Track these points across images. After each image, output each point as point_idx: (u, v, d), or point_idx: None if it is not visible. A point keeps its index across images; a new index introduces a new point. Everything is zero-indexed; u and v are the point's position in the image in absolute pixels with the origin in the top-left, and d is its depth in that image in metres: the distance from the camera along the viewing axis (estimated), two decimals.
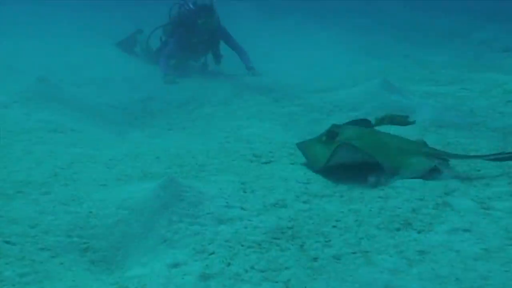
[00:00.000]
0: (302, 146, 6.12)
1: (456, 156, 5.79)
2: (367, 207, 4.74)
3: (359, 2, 23.64)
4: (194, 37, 11.15)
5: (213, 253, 3.92)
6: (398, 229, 4.34)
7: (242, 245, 4.04)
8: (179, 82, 10.46)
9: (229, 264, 3.77)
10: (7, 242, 4.00)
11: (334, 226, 4.39)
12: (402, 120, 7.40)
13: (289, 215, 4.58)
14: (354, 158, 5.47)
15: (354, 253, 3.98)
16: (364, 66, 12.16)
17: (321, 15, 20.01)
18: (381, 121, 7.40)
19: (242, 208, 4.63)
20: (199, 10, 11.01)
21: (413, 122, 7.34)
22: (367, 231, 4.30)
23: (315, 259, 3.90)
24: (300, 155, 6.08)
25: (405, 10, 22.83)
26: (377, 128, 6.71)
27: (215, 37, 11.39)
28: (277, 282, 3.60)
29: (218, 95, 9.44)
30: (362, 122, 6.50)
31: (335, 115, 8.17)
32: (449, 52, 14.61)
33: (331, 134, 5.90)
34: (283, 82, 10.13)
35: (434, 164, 5.48)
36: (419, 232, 4.29)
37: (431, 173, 5.39)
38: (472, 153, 6.03)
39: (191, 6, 11.27)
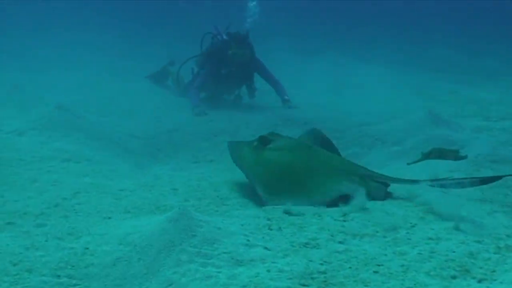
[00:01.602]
0: (232, 147, 5.75)
1: (396, 181, 5.32)
2: (415, 250, 3.99)
3: (402, 41, 23.01)
4: (224, 69, 10.55)
5: None
6: (454, 277, 3.59)
7: None
8: (209, 114, 9.84)
9: None
10: None
11: (375, 272, 3.64)
12: (452, 154, 6.61)
13: (322, 257, 3.84)
14: None
15: None
16: (406, 102, 11.38)
17: (362, 52, 19.34)
18: (428, 155, 6.62)
19: (265, 248, 3.90)
20: (232, 41, 10.46)
21: (464, 157, 6.53)
22: (416, 279, 3.54)
23: None
24: None
25: (446, 50, 22.02)
26: None
27: (249, 70, 10.78)
28: None
29: (250, 127, 8.78)
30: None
31: (377, 149, 7.46)
32: (497, 90, 13.73)
33: (264, 140, 5.53)
34: (319, 115, 9.44)
35: (368, 188, 5.09)
36: (479, 281, 3.54)
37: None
38: None
39: (225, 36, 10.72)
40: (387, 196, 5.25)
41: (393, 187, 5.36)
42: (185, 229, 3.80)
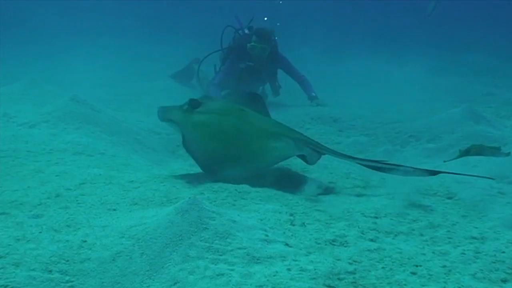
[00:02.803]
0: (161, 110, 5.70)
1: (331, 152, 5.25)
2: (458, 250, 3.51)
3: (434, 46, 22.34)
4: (242, 63, 10.06)
5: None
6: (504, 281, 3.10)
7: None
8: None
9: None
10: None
11: (413, 273, 3.16)
12: (493, 152, 6.08)
13: (351, 255, 3.37)
14: None
15: None
16: (440, 101, 10.83)
17: (393, 57, 18.73)
18: (467, 152, 6.10)
19: (286, 244, 3.44)
20: (252, 34, 9.97)
21: (507, 154, 5.99)
22: (460, 281, 3.06)
23: None
24: (368, 187, 4.96)
25: (479, 55, 21.31)
26: None
27: (272, 66, 10.29)
28: None
29: None
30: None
31: (411, 146, 6.95)
32: None
33: (194, 103, 5.38)
34: (349, 113, 8.91)
35: (302, 152, 5.05)
36: None
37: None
38: None
39: (246, 31, 10.24)
40: None
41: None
42: (195, 221, 3.35)
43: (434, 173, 4.86)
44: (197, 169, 6.11)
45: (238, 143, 5.01)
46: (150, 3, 26.50)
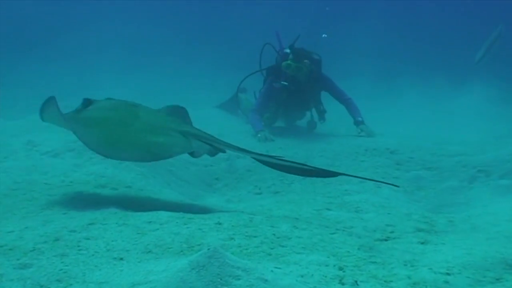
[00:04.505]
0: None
1: (225, 145, 5.04)
2: None
3: (496, 75, 21.21)
4: (277, 83, 9.32)
5: None
6: None
7: None
8: (276, 141, 8.64)
9: None
10: None
11: None
12: None
13: None
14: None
15: None
16: (509, 134, 9.86)
17: (453, 85, 17.77)
18: None
19: None
20: (291, 53, 9.22)
21: None
22: None
23: None
24: (434, 232, 4.15)
25: None
26: None
27: (315, 88, 9.52)
28: None
29: (325, 155, 7.52)
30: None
31: (480, 182, 6.05)
32: None
33: (86, 102, 5.02)
34: (407, 144, 8.05)
35: (192, 149, 4.91)
36: None
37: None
38: None
39: (287, 50, 9.47)
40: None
41: None
42: (213, 281, 2.58)
43: (333, 174, 4.67)
44: (233, 206, 5.40)
45: (119, 133, 4.74)
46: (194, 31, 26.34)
